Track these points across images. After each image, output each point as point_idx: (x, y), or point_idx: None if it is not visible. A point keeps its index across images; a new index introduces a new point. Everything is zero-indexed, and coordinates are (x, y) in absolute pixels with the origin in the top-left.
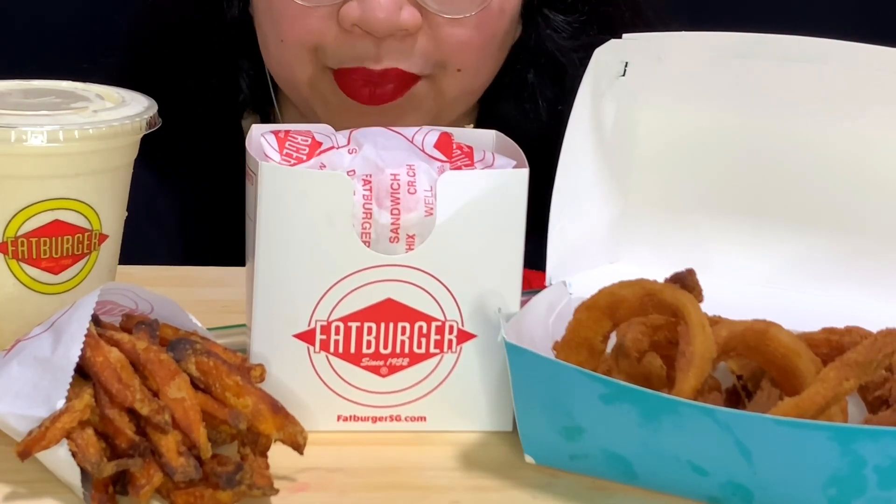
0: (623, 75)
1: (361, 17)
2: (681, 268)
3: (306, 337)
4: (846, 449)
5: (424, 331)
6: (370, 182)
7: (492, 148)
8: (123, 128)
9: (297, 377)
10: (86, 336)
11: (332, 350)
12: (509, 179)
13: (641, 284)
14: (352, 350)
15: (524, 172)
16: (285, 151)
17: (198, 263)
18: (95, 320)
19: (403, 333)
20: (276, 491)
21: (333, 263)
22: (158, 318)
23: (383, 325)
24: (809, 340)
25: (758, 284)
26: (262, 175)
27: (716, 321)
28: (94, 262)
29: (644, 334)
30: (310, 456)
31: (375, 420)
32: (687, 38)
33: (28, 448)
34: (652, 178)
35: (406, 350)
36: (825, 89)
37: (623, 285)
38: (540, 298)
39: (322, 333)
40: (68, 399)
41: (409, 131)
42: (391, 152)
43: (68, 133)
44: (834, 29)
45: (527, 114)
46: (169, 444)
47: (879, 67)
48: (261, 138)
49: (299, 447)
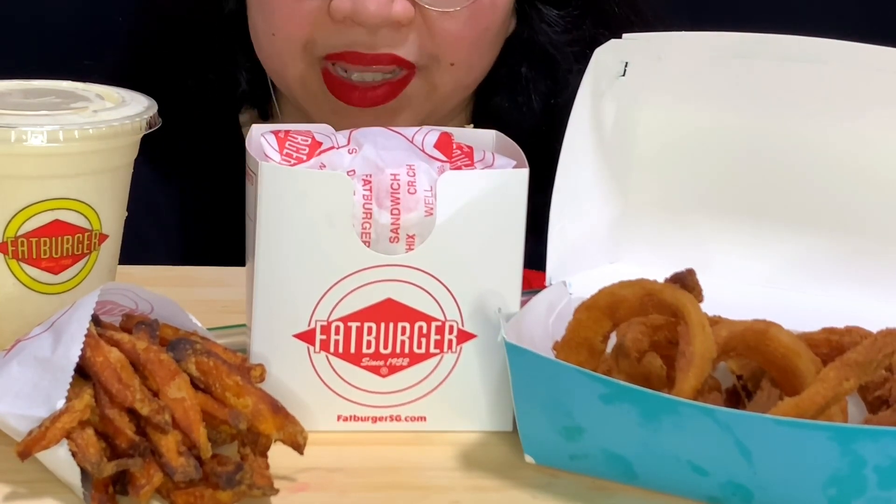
0: (623, 75)
1: (353, 10)
2: (681, 268)
3: (306, 337)
4: (846, 449)
5: (424, 331)
6: (370, 182)
7: (492, 148)
8: (123, 128)
9: (297, 377)
10: (86, 336)
11: (332, 350)
12: (509, 179)
13: (641, 284)
14: (352, 350)
15: (524, 172)
16: (285, 151)
17: (198, 263)
18: (95, 320)
19: (403, 333)
20: (276, 491)
21: (333, 263)
22: (158, 318)
23: (383, 325)
24: (809, 340)
25: (758, 284)
26: (262, 175)
27: (716, 321)
28: (94, 262)
29: (644, 334)
30: (310, 456)
31: (375, 420)
32: (687, 38)
33: (28, 448)
34: (652, 178)
35: (406, 350)
36: (825, 89)
37: (623, 285)
38: (540, 298)
39: (322, 333)
40: (68, 399)
41: (409, 131)
42: (391, 152)
43: (68, 133)
44: (834, 29)
45: (520, 107)
46: (169, 444)
47: (879, 67)
48: (261, 138)
49: (299, 447)
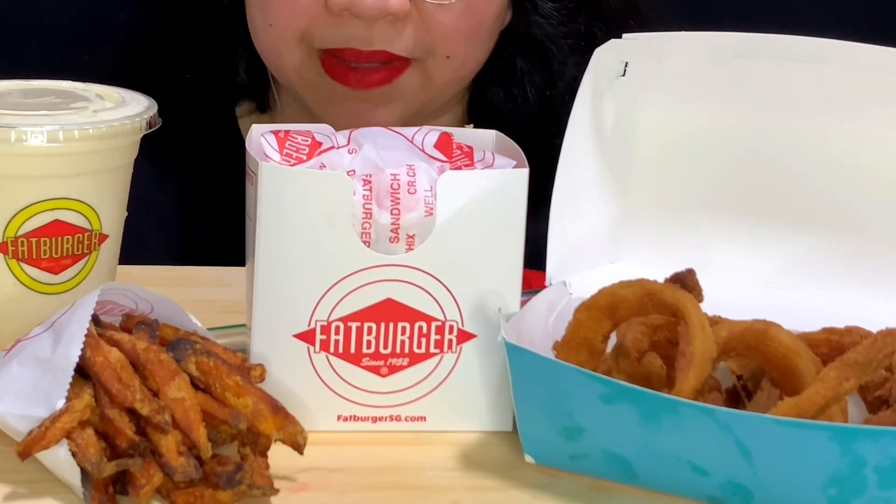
0: (623, 75)
1: (350, 2)
2: (681, 268)
3: (306, 337)
4: (846, 449)
5: (424, 331)
6: (370, 182)
7: (492, 148)
8: (123, 128)
9: (297, 377)
10: (86, 336)
11: (332, 350)
12: (509, 179)
13: (641, 284)
14: (352, 350)
15: (524, 172)
16: (285, 151)
17: (198, 263)
18: (95, 320)
19: (403, 333)
20: (276, 491)
21: (333, 263)
22: (158, 318)
23: (383, 325)
24: (809, 340)
25: (758, 284)
26: (262, 175)
27: (716, 321)
28: (94, 262)
29: (644, 334)
30: (310, 456)
31: (375, 420)
32: (687, 38)
33: (28, 448)
34: (652, 178)
35: (406, 350)
36: (825, 89)
37: (623, 285)
38: (540, 298)
39: (322, 333)
40: (68, 399)
41: (409, 131)
42: (391, 152)
43: (68, 133)
44: (834, 29)
45: (515, 99)
46: (169, 444)
47: (879, 67)
48: (261, 138)
49: (299, 447)
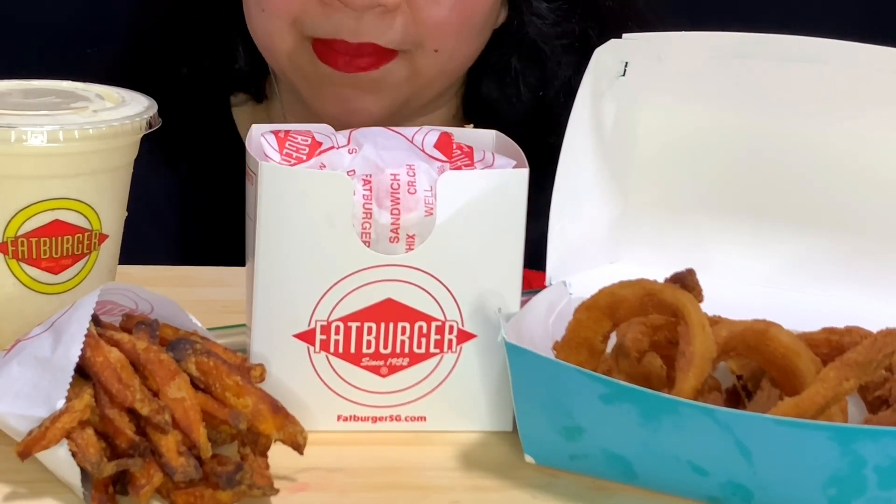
0: (623, 75)
1: None
2: (681, 268)
3: (306, 337)
4: (846, 449)
5: (424, 331)
6: (370, 182)
7: (492, 148)
8: (123, 128)
9: (297, 377)
10: (86, 336)
11: (332, 350)
12: (509, 179)
13: (641, 284)
14: (352, 350)
15: (524, 172)
16: (285, 151)
17: (198, 263)
18: (95, 320)
19: (403, 333)
20: (276, 491)
21: (333, 263)
22: (158, 318)
23: (383, 325)
24: (809, 340)
25: (758, 284)
26: (262, 175)
27: (716, 321)
28: (94, 262)
29: (644, 334)
30: (310, 456)
31: (375, 420)
32: (687, 38)
33: (28, 448)
34: (652, 178)
35: (406, 350)
36: (825, 89)
37: (623, 285)
38: (540, 298)
39: (322, 333)
40: (68, 399)
41: (409, 131)
42: (391, 152)
43: (68, 133)
44: (834, 29)
45: (509, 98)
46: (169, 444)
47: (879, 67)
48: (261, 138)
49: (299, 447)
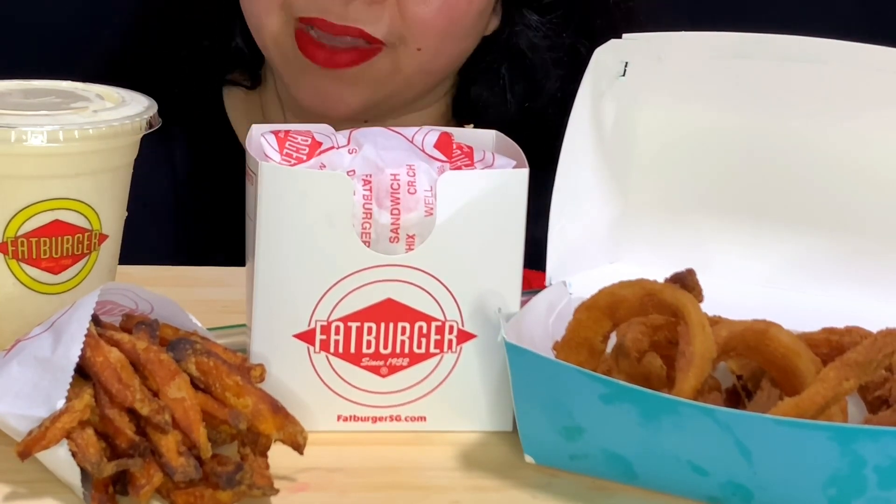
0: (623, 75)
1: None
2: (681, 268)
3: (306, 337)
4: (846, 449)
5: (424, 331)
6: (370, 182)
7: (492, 148)
8: (123, 128)
9: (297, 377)
10: (86, 336)
11: (332, 350)
12: (509, 179)
13: (641, 284)
14: (352, 350)
15: (524, 172)
16: (285, 151)
17: (198, 263)
18: (95, 320)
19: (403, 333)
20: (276, 491)
21: (333, 263)
22: (158, 318)
23: (383, 325)
24: (809, 340)
25: (758, 284)
26: (262, 175)
27: (716, 321)
28: (94, 262)
29: (644, 334)
30: (310, 456)
31: (375, 420)
32: (687, 38)
33: (28, 448)
34: (652, 178)
35: (406, 350)
36: (825, 89)
37: (623, 285)
38: (540, 298)
39: (322, 333)
40: (68, 399)
41: (409, 131)
42: (391, 152)
43: (68, 133)
44: (834, 29)
45: (497, 103)
46: (169, 444)
47: (879, 67)
48: (261, 138)
49: (299, 447)
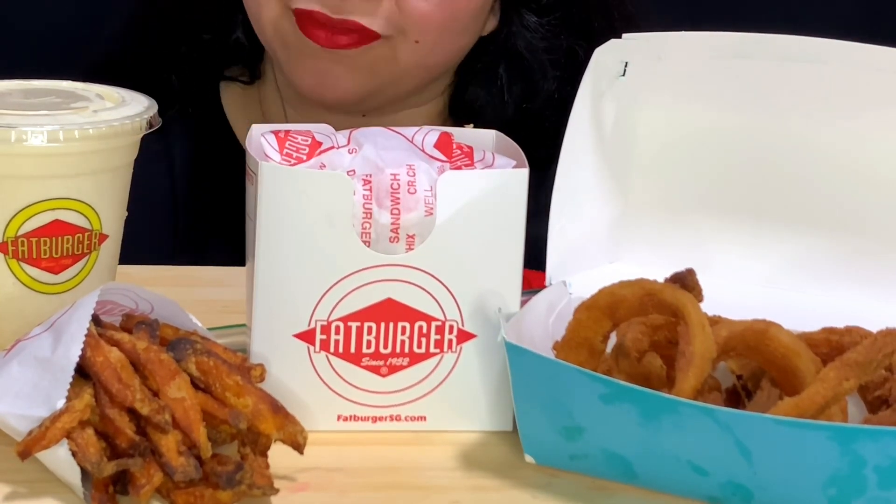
0: (623, 75)
1: None
2: (681, 268)
3: (306, 337)
4: (846, 449)
5: (424, 331)
6: (370, 182)
7: (492, 148)
8: (123, 128)
9: (297, 377)
10: (86, 336)
11: (333, 350)
12: (509, 179)
13: (641, 284)
14: (352, 350)
15: (524, 172)
16: (285, 151)
17: (198, 263)
18: (95, 320)
19: (403, 333)
20: (276, 491)
21: (333, 263)
22: (158, 318)
23: (383, 325)
24: (809, 340)
25: (758, 284)
26: (262, 175)
27: (716, 321)
28: (94, 262)
29: (644, 334)
30: (310, 456)
31: (375, 420)
32: (687, 38)
33: (28, 448)
34: (652, 178)
35: (406, 350)
36: (825, 89)
37: (623, 285)
38: (540, 298)
39: (322, 333)
40: (68, 399)
41: (409, 131)
42: (391, 152)
43: (68, 133)
44: (834, 29)
45: (494, 104)
46: (169, 444)
47: (879, 67)
48: (261, 138)
49: (299, 447)
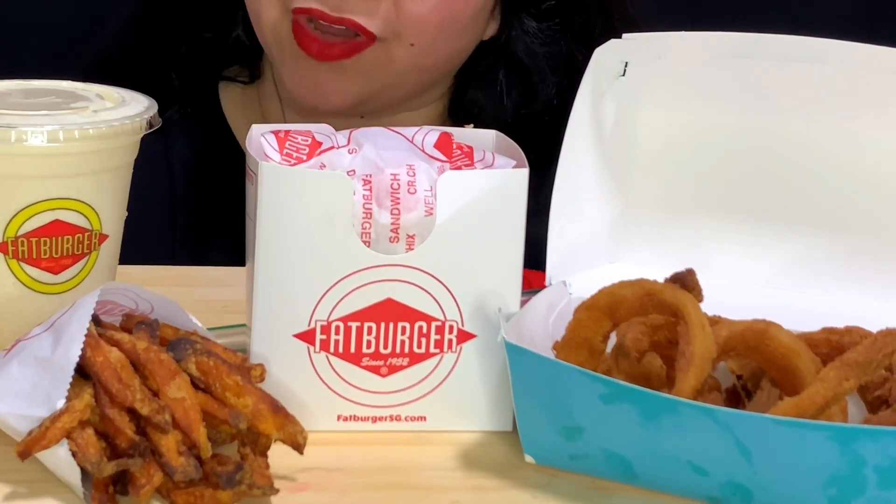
0: (623, 75)
1: None
2: (681, 268)
3: (306, 337)
4: (846, 449)
5: (424, 331)
6: (370, 182)
7: (492, 148)
8: (123, 128)
9: (297, 377)
10: (86, 336)
11: (332, 350)
12: (509, 179)
13: (641, 284)
14: (352, 350)
15: (524, 172)
16: (285, 151)
17: (197, 263)
18: (95, 320)
19: (403, 333)
20: (276, 491)
21: (333, 263)
22: (158, 318)
23: (383, 325)
24: (809, 340)
25: (758, 284)
26: (262, 175)
27: (716, 321)
28: (94, 262)
29: (644, 334)
30: (310, 456)
31: (375, 420)
32: (687, 38)
33: (28, 448)
34: (652, 178)
35: (406, 350)
36: (825, 89)
37: (623, 285)
38: (540, 298)
39: (322, 333)
40: (68, 399)
41: (409, 131)
42: (391, 152)
43: (68, 133)
44: (834, 29)
45: (493, 108)
46: (169, 444)
47: (879, 67)
48: (261, 138)
49: (299, 447)
